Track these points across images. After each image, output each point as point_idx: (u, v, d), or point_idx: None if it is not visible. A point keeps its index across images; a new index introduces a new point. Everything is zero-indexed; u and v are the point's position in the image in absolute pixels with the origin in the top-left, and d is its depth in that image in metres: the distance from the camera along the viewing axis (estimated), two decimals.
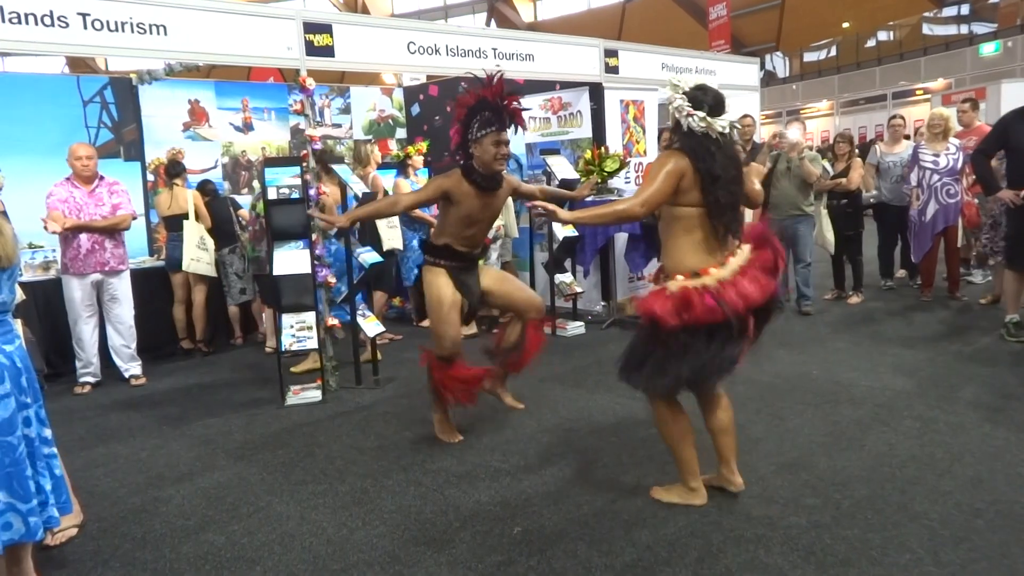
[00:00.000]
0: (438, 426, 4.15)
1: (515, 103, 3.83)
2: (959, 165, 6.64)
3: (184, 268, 6.20)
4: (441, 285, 3.95)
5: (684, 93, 2.98)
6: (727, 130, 2.98)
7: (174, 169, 6.64)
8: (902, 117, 7.97)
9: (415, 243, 6.74)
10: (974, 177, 6.63)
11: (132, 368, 5.73)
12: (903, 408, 4.21)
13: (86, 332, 5.51)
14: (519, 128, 3.92)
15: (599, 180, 7.02)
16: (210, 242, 6.35)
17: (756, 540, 2.84)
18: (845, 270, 7.38)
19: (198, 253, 6.22)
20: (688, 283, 2.90)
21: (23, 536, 2.38)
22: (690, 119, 2.94)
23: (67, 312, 5.52)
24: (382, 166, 6.77)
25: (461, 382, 4.00)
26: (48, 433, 2.58)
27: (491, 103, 3.78)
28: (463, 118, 3.83)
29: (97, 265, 5.48)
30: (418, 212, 6.55)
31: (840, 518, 2.98)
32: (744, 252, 3.02)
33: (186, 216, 6.26)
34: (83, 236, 5.40)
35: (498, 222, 6.58)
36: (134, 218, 5.79)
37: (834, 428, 3.97)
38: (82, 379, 5.53)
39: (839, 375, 4.92)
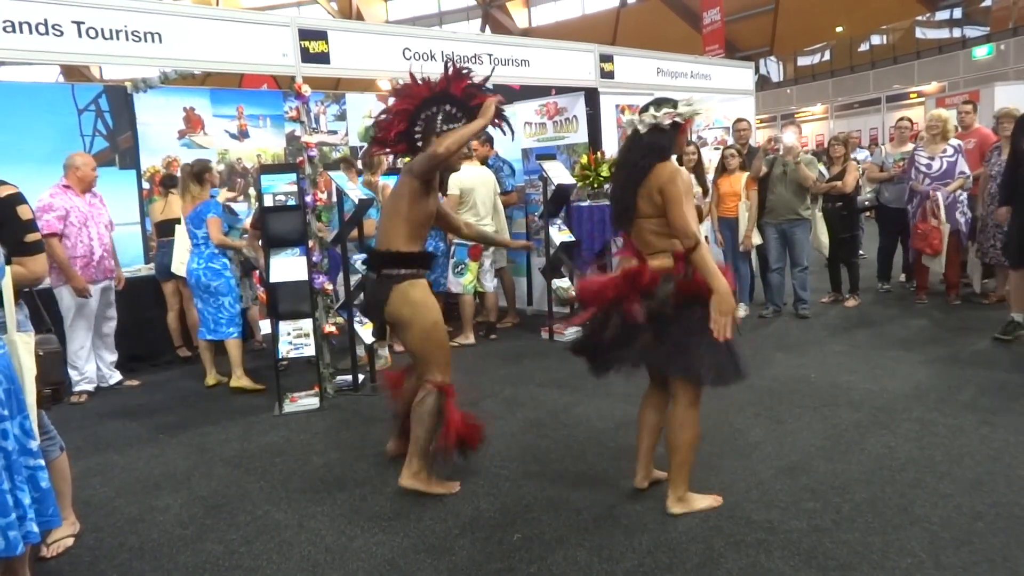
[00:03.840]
0: (430, 483, 3.46)
1: (502, 105, 3.48)
2: (955, 169, 6.61)
3: (173, 270, 6.19)
4: (434, 304, 3.49)
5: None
6: (632, 126, 3.12)
7: (170, 181, 6.73)
8: (909, 119, 8.02)
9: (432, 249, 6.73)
10: (969, 177, 6.64)
11: (116, 375, 5.78)
12: (902, 411, 4.21)
13: (89, 340, 5.50)
14: (497, 127, 3.57)
15: (594, 186, 7.04)
16: None
17: (757, 545, 2.83)
18: (841, 273, 7.39)
19: (187, 257, 6.21)
20: None
21: (2, 551, 2.34)
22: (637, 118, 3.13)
23: (66, 321, 5.42)
24: (388, 172, 6.76)
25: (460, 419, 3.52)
26: (34, 445, 2.53)
27: (458, 99, 3.44)
28: (414, 108, 3.44)
29: (107, 272, 5.55)
30: None
31: (840, 522, 2.97)
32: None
33: (178, 221, 6.26)
34: (95, 243, 5.42)
35: (489, 228, 6.57)
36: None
37: (833, 431, 3.96)
38: (80, 387, 5.50)
39: (837, 378, 4.92)
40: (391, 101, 3.60)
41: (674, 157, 3.12)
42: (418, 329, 3.39)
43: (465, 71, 3.46)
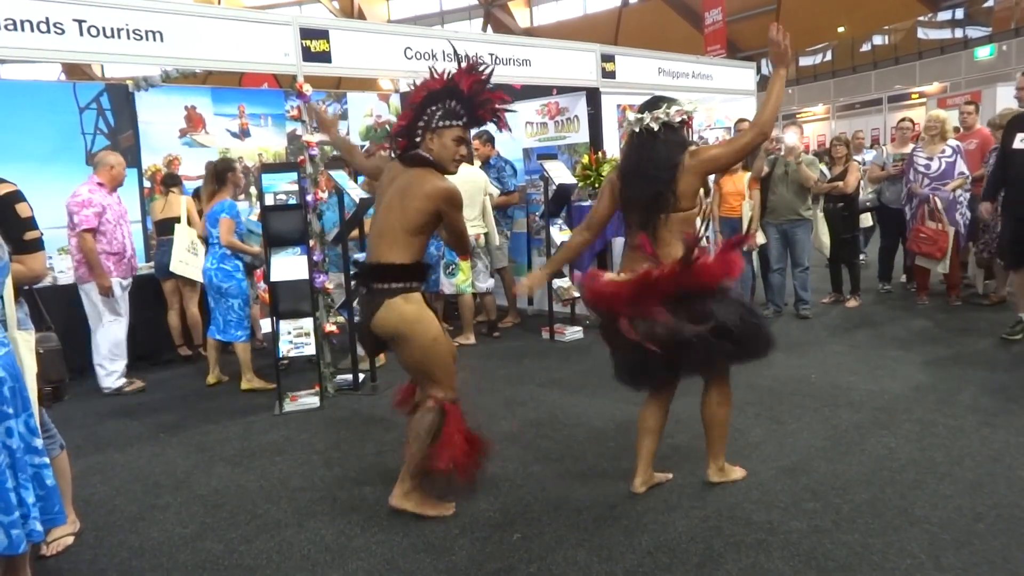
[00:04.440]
0: (423, 504, 3.25)
1: (499, 101, 3.22)
2: (954, 170, 6.59)
3: (171, 269, 6.20)
4: (431, 318, 3.18)
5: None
6: (641, 125, 3.15)
7: (171, 180, 6.73)
8: (911, 119, 8.03)
9: (432, 249, 6.74)
10: (968, 177, 6.64)
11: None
12: (902, 412, 4.20)
13: (125, 333, 5.64)
14: (502, 129, 3.33)
15: (595, 186, 7.03)
16: (201, 248, 6.32)
17: (757, 545, 2.83)
18: (842, 274, 7.39)
19: (187, 256, 6.22)
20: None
21: (5, 549, 2.34)
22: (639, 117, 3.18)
23: (104, 316, 5.51)
24: None
25: (469, 441, 3.24)
26: (39, 443, 2.54)
27: (464, 95, 3.13)
28: (420, 100, 3.14)
29: (133, 270, 5.71)
30: None
31: (840, 523, 2.97)
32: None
33: (177, 220, 6.26)
34: (127, 240, 5.56)
35: (478, 231, 6.56)
36: None
37: (833, 432, 3.96)
38: (113, 383, 5.57)
39: (838, 379, 4.91)
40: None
41: None
42: (416, 347, 3.11)
43: (481, 67, 3.18)
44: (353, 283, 5.28)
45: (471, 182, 6.48)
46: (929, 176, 6.64)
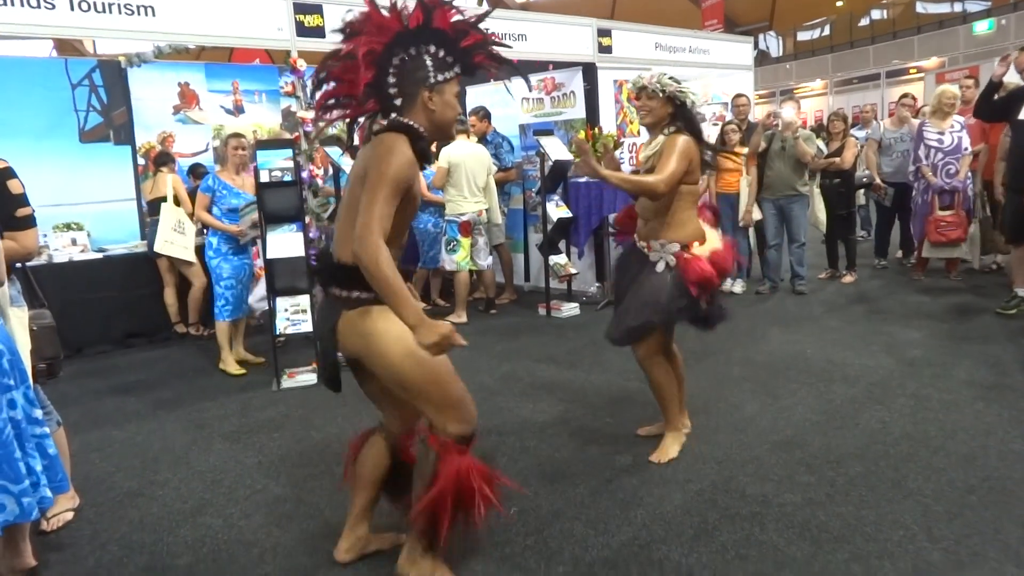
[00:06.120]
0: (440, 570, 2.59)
1: (490, 41, 2.42)
2: (963, 143, 6.60)
3: (156, 249, 6.15)
4: (402, 330, 2.24)
5: (669, 78, 3.35)
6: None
7: (161, 159, 6.68)
8: (913, 96, 8.02)
9: (430, 226, 6.73)
10: (970, 152, 6.64)
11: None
12: (896, 386, 4.23)
13: None
14: (491, 79, 2.59)
15: None
16: (190, 227, 6.25)
17: (751, 517, 2.86)
18: (838, 249, 7.40)
19: (173, 236, 6.16)
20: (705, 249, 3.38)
21: (18, 517, 2.38)
22: (692, 96, 3.37)
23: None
24: None
25: (485, 476, 2.52)
26: (38, 413, 2.57)
27: (446, 36, 2.35)
28: (383, 48, 2.33)
29: None
30: (428, 194, 6.50)
31: (834, 495, 3.00)
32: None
33: (164, 199, 6.21)
34: None
35: (480, 206, 6.52)
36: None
37: (828, 406, 3.99)
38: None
39: (833, 354, 4.93)
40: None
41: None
42: (386, 365, 2.36)
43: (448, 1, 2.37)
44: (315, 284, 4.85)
45: (476, 157, 6.44)
46: (943, 151, 6.63)
